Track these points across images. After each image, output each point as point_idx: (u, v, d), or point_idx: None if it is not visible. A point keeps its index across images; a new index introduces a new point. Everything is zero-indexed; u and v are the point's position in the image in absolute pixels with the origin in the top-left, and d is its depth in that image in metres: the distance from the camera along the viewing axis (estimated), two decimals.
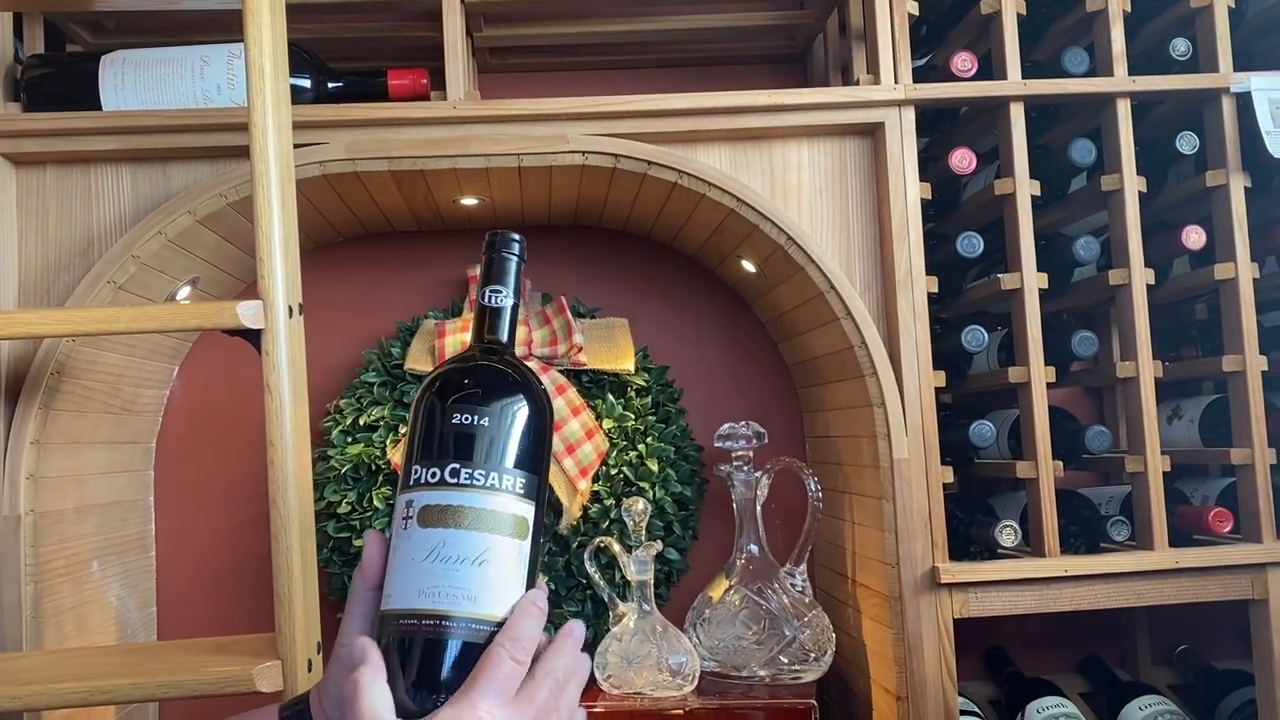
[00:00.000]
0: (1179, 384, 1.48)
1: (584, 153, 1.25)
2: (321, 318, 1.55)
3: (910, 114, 1.27)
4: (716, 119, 1.27)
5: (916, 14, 1.30)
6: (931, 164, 1.35)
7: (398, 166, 1.24)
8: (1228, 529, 1.25)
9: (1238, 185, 1.29)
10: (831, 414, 1.46)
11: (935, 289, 1.28)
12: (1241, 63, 1.31)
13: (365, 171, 1.24)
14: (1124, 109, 1.30)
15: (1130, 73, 1.30)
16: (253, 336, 1.00)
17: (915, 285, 1.26)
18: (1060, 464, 1.26)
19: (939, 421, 1.26)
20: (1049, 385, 1.27)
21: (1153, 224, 1.38)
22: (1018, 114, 1.28)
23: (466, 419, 0.72)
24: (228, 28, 1.36)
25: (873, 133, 1.29)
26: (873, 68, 1.29)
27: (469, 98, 1.26)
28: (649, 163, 1.26)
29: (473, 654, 0.68)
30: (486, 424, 0.72)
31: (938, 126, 1.48)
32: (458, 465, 0.71)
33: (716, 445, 1.43)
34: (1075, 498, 1.40)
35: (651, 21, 1.51)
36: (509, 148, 1.25)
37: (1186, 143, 1.30)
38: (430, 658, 0.68)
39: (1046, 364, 1.27)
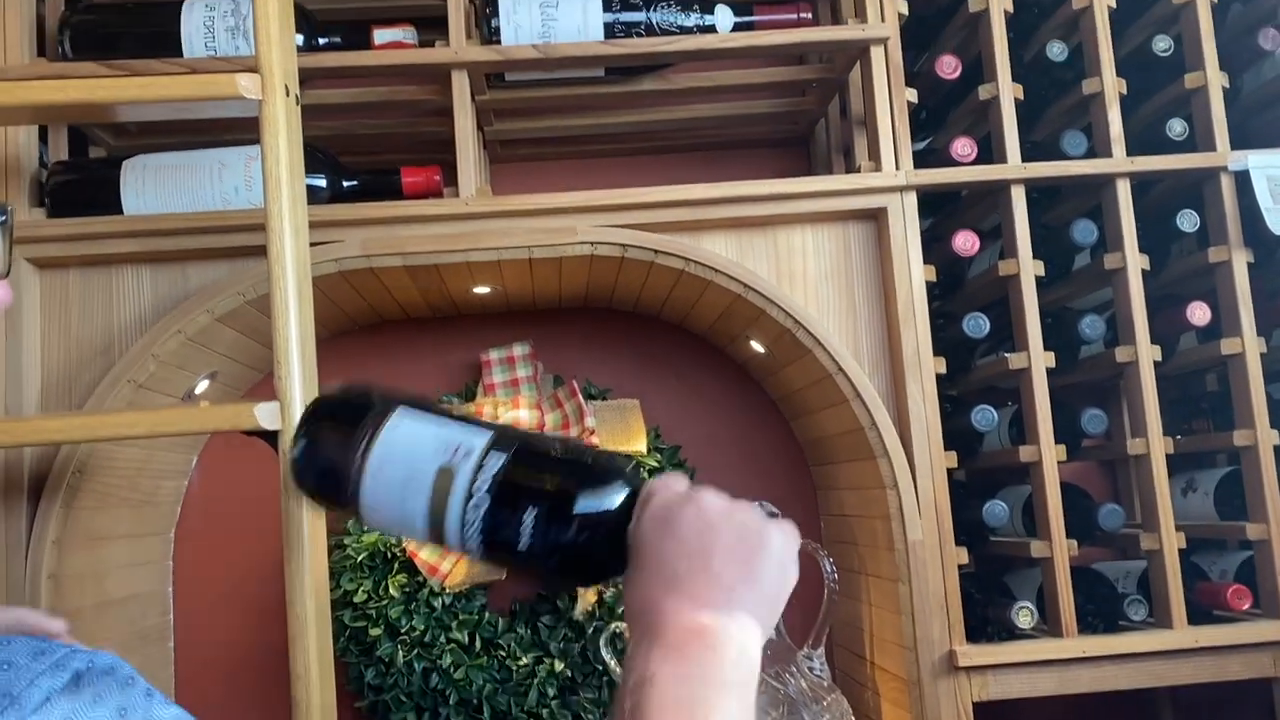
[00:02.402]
0: (1193, 455, 1.48)
1: (592, 243, 1.28)
2: None
3: (912, 199, 1.29)
4: (721, 208, 1.29)
5: (915, 101, 1.33)
6: (936, 244, 1.37)
7: (412, 262, 1.26)
8: (1247, 606, 1.24)
9: (1240, 261, 1.31)
10: (845, 493, 1.47)
11: (944, 369, 1.29)
12: (1238, 140, 1.33)
13: (380, 267, 1.27)
14: (1124, 189, 1.32)
15: (1129, 153, 1.32)
16: (270, 437, 1.02)
17: (924, 367, 1.27)
18: (1075, 543, 1.26)
19: (952, 500, 1.27)
20: (1060, 462, 1.27)
21: (1158, 297, 1.39)
22: (1019, 196, 1.31)
23: None
24: (247, 127, 1.40)
25: (876, 217, 1.31)
26: (874, 154, 1.31)
27: (480, 194, 1.29)
28: (655, 251, 1.28)
29: None
30: None
31: (941, 207, 1.50)
32: None
33: None
34: (1092, 575, 1.40)
35: (657, 112, 1.54)
36: (519, 240, 1.27)
37: (1187, 221, 1.32)
38: None
39: (1057, 441, 1.28)
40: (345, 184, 1.34)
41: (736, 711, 0.62)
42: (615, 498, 0.68)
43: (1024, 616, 1.23)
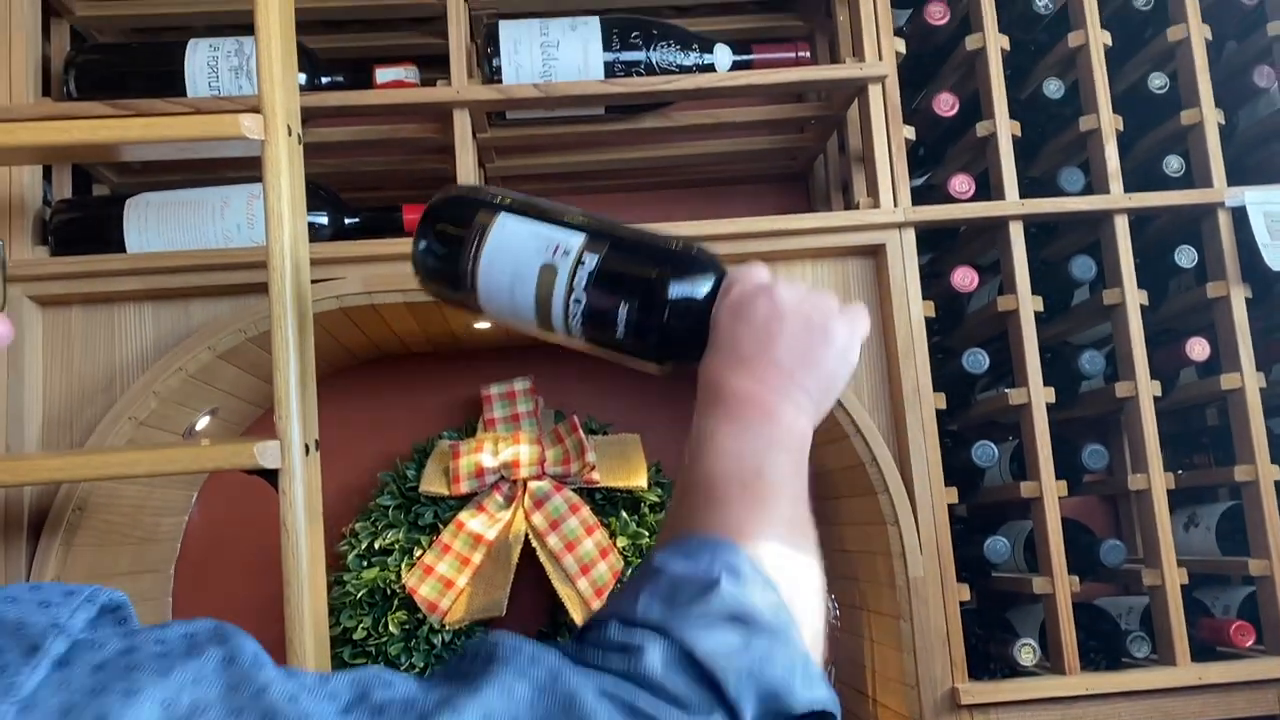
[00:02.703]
0: (1195, 489, 1.47)
1: None
2: (336, 441, 1.57)
3: (911, 235, 1.30)
4: (721, 244, 1.29)
5: (913, 138, 1.34)
6: (935, 280, 1.38)
7: (414, 299, 1.27)
8: (1250, 642, 1.23)
9: (1238, 296, 1.31)
10: (846, 528, 1.46)
11: (944, 404, 1.29)
12: (1235, 176, 1.34)
13: (382, 304, 1.27)
14: (1122, 224, 1.32)
15: (1126, 189, 1.33)
16: (270, 475, 1.02)
17: (924, 402, 1.27)
18: (1076, 579, 1.25)
19: (953, 536, 1.26)
20: (1061, 497, 1.27)
21: (1157, 332, 1.39)
22: (1017, 232, 1.31)
23: None
24: (250, 164, 1.41)
25: (875, 253, 1.32)
26: (872, 191, 1.32)
27: None
28: None
29: None
30: None
31: (939, 243, 1.51)
32: None
33: None
34: (1094, 612, 1.39)
35: (657, 149, 1.55)
36: None
37: (1185, 257, 1.33)
38: None
39: (1058, 476, 1.27)
40: (347, 221, 1.35)
41: (786, 469, 0.69)
42: (702, 287, 0.76)
43: (1026, 653, 1.23)
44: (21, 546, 1.19)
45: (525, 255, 0.82)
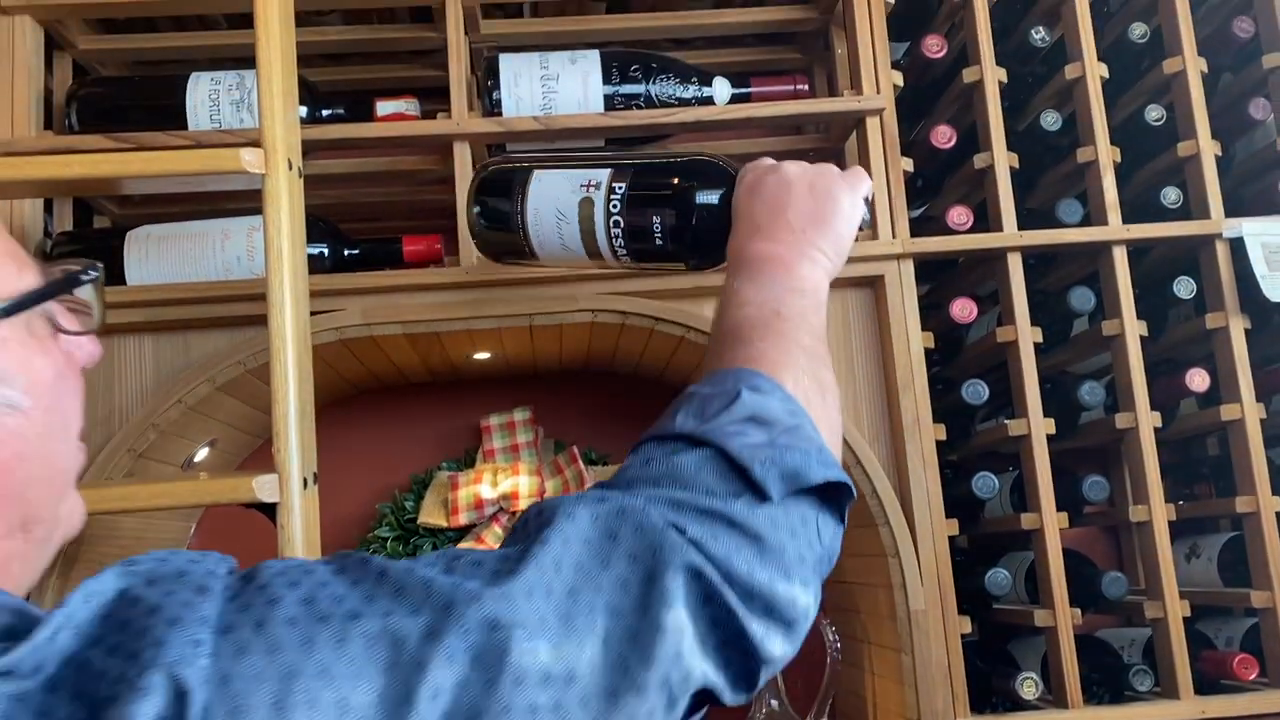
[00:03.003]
0: (1196, 519, 1.47)
1: (593, 311, 1.28)
2: (334, 472, 1.56)
3: (909, 266, 1.30)
4: (721, 274, 1.29)
5: (911, 170, 1.34)
6: (934, 311, 1.38)
7: (413, 330, 1.27)
8: (1254, 676, 1.23)
9: (1238, 327, 1.31)
10: (847, 560, 1.46)
11: (944, 435, 1.29)
12: (1232, 207, 1.35)
13: (381, 335, 1.27)
14: (1120, 255, 1.33)
15: (1124, 220, 1.33)
16: (268, 509, 1.01)
17: (923, 433, 1.27)
18: (1078, 611, 1.25)
19: (954, 568, 1.26)
20: (1062, 529, 1.27)
21: (1157, 361, 1.39)
22: (1015, 264, 1.31)
23: None
24: (250, 196, 1.41)
25: (874, 284, 1.32)
26: (871, 222, 1.32)
27: (481, 262, 1.30)
28: (656, 319, 1.29)
29: None
30: None
31: (938, 273, 1.51)
32: None
33: None
34: (1096, 644, 1.38)
35: None
36: (520, 309, 1.28)
37: (1184, 288, 1.33)
38: None
39: (1059, 508, 1.27)
40: (347, 252, 1.35)
41: (803, 310, 0.78)
42: (719, 184, 0.91)
43: (1028, 687, 1.22)
44: None
45: (564, 196, 0.97)
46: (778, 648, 0.61)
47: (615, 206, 0.95)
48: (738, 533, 0.60)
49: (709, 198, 0.91)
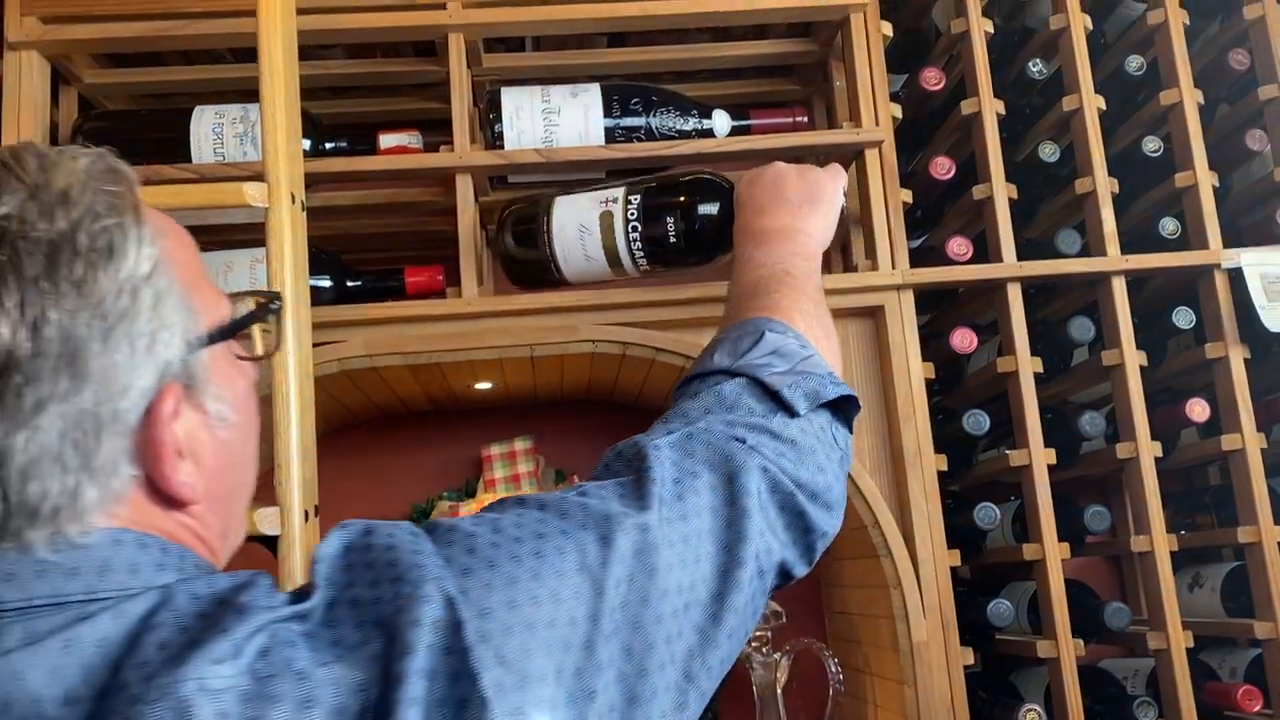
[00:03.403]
0: (1199, 549, 1.47)
1: (594, 341, 1.29)
2: (335, 502, 1.56)
3: (909, 297, 1.30)
4: (721, 306, 1.30)
5: (910, 201, 1.35)
6: (934, 341, 1.38)
7: (414, 361, 1.27)
8: (1258, 708, 1.22)
9: (1237, 357, 1.32)
10: (849, 590, 1.45)
11: (945, 465, 1.29)
12: (1230, 238, 1.35)
13: (383, 366, 1.28)
14: (1119, 286, 1.33)
15: (1123, 250, 1.34)
16: (269, 541, 1.01)
17: (925, 464, 1.27)
18: (1081, 642, 1.24)
19: (956, 599, 1.26)
20: (1064, 559, 1.26)
21: (1157, 392, 1.39)
22: (1015, 294, 1.32)
23: None
24: (254, 227, 1.42)
25: (874, 315, 1.33)
26: (871, 253, 1.33)
27: (483, 293, 1.31)
28: (657, 349, 1.29)
29: None
30: None
31: (938, 303, 1.52)
32: None
33: None
34: (1100, 675, 1.38)
35: None
36: (521, 339, 1.28)
37: (1183, 318, 1.34)
38: None
39: (1061, 539, 1.27)
40: (349, 284, 1.36)
41: (807, 269, 0.97)
42: (720, 191, 1.14)
43: (1031, 719, 1.21)
44: None
45: (585, 211, 1.16)
46: (826, 523, 0.78)
47: (632, 214, 1.15)
48: (779, 441, 0.77)
49: (712, 197, 1.14)
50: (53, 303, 0.53)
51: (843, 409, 0.85)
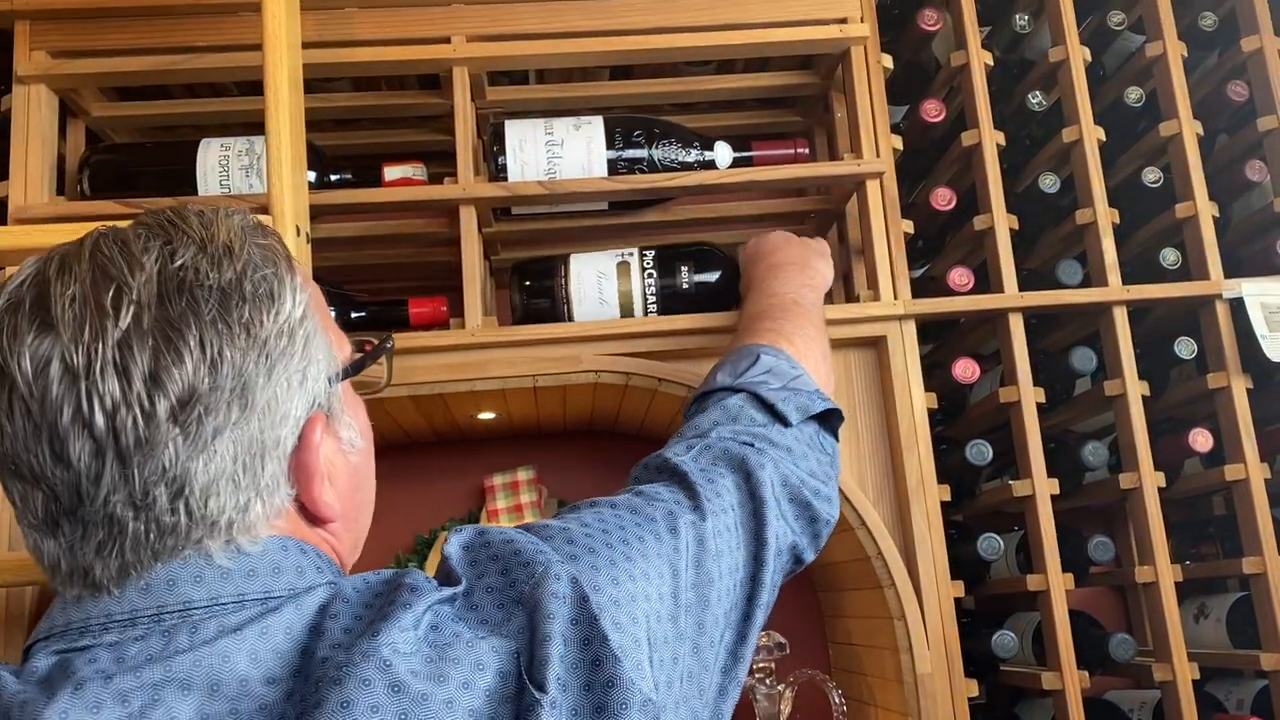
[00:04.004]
0: (1204, 579, 1.46)
1: (596, 372, 1.29)
2: None
3: (911, 327, 1.31)
4: (723, 336, 1.31)
5: (911, 231, 1.36)
6: (936, 370, 1.38)
7: (418, 392, 1.28)
8: None
9: (1239, 387, 1.32)
10: (852, 621, 1.45)
11: (948, 496, 1.29)
12: (1231, 268, 1.36)
13: (387, 398, 1.28)
14: (1120, 316, 1.33)
15: (1124, 280, 1.34)
16: None
17: (928, 494, 1.27)
18: (1086, 674, 1.24)
19: (960, 630, 1.25)
20: (1069, 590, 1.26)
21: (1159, 421, 1.39)
22: (1017, 324, 1.32)
23: None
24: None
25: (876, 345, 1.33)
26: (872, 283, 1.34)
27: (486, 324, 1.31)
28: (659, 380, 1.29)
29: None
30: None
31: (940, 333, 1.52)
32: None
33: None
34: (1105, 707, 1.37)
35: (659, 240, 1.56)
36: (525, 370, 1.29)
37: (1185, 348, 1.34)
38: None
39: (1065, 569, 1.26)
40: (354, 315, 1.37)
41: (816, 302, 1.17)
42: (724, 258, 1.34)
43: None
44: (20, 641, 1.18)
45: (603, 263, 1.32)
46: (828, 511, 0.90)
47: (649, 264, 1.31)
48: (778, 447, 0.90)
49: (720, 257, 1.34)
50: (228, 342, 0.60)
51: (828, 420, 0.99)
